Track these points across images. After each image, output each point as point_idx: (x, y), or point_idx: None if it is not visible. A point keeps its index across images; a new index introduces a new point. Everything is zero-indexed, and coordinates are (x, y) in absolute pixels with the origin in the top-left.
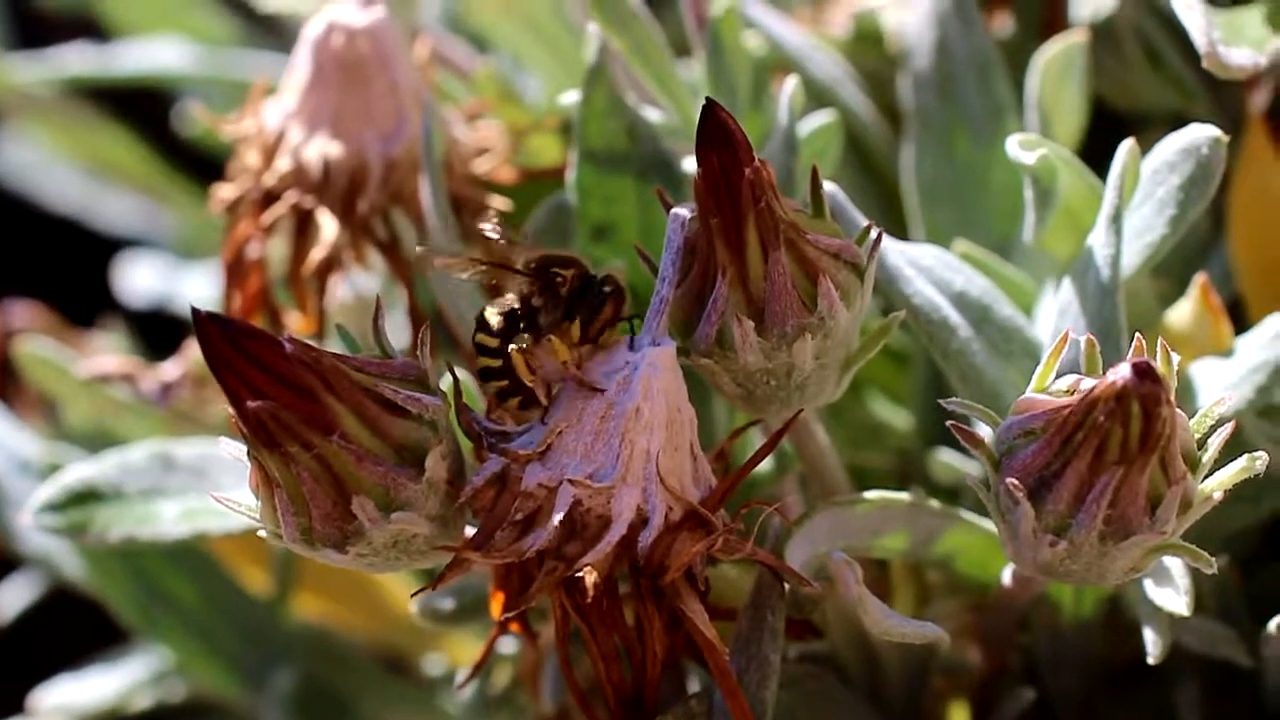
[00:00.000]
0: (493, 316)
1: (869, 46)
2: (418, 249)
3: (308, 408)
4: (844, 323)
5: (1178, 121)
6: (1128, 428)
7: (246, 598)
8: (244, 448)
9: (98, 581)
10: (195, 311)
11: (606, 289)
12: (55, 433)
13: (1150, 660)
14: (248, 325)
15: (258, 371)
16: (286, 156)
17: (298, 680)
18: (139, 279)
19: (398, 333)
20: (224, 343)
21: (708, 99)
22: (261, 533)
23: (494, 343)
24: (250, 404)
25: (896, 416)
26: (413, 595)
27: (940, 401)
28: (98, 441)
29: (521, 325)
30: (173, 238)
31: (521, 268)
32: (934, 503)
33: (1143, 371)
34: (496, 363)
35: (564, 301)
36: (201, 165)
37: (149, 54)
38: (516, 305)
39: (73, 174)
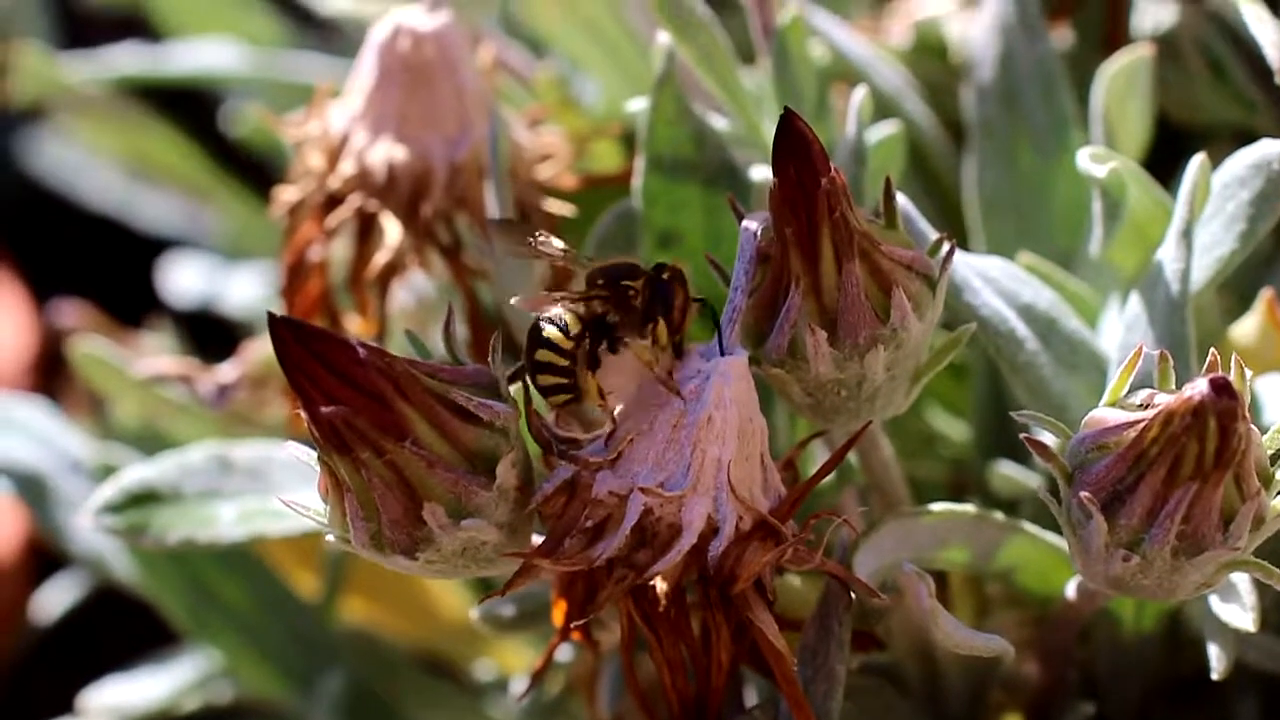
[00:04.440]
0: (553, 331)
1: (931, 57)
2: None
3: (381, 413)
4: (916, 334)
5: (1240, 136)
6: (1204, 443)
7: (296, 601)
8: (311, 451)
9: (149, 583)
10: (271, 316)
11: (667, 277)
12: (103, 432)
13: (1214, 676)
14: (322, 330)
15: (331, 376)
16: (351, 160)
17: (346, 684)
18: (184, 279)
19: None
20: (298, 347)
21: (786, 108)
22: (330, 537)
23: (563, 361)
24: (323, 409)
25: (951, 427)
26: (481, 600)
27: (1011, 414)
28: (146, 441)
29: (592, 339)
30: (216, 238)
31: (589, 283)
32: (998, 515)
33: (1220, 387)
34: (562, 361)
35: (640, 312)
36: (247, 166)
37: (199, 54)
38: (585, 318)
39: (115, 173)
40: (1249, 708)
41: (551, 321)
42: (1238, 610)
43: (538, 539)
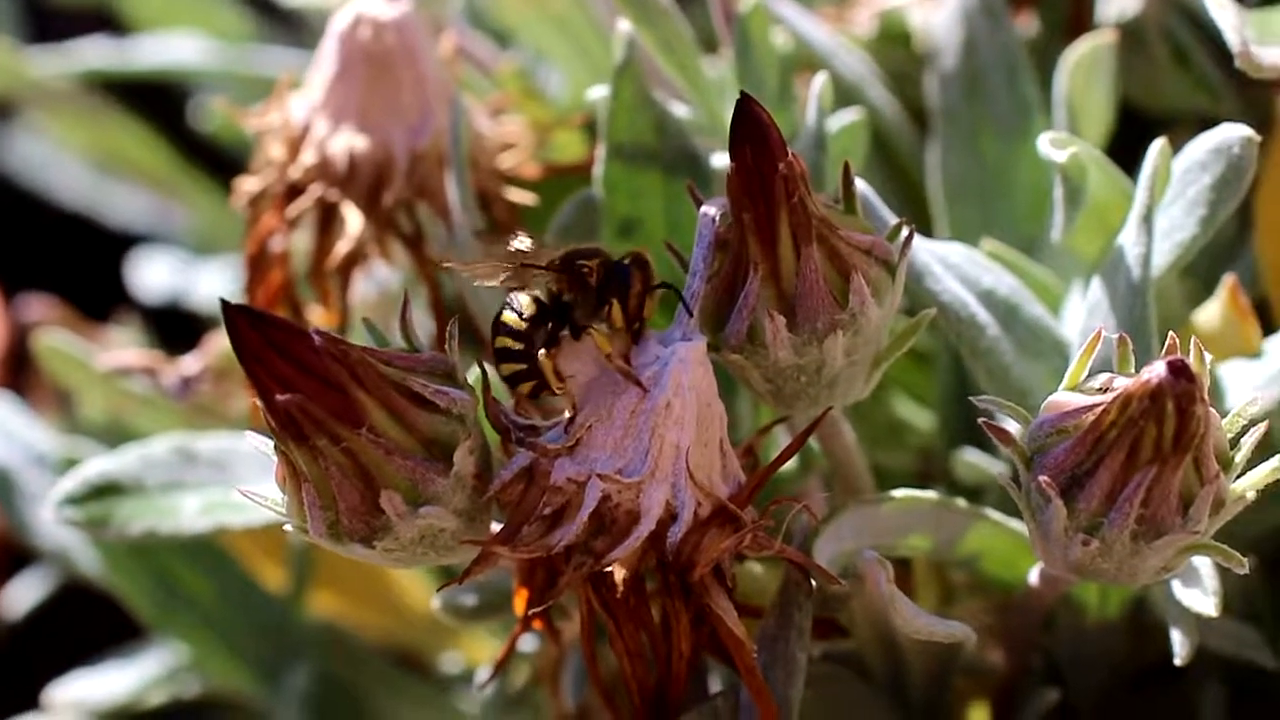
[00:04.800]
0: (511, 316)
1: (895, 45)
2: (445, 258)
3: (336, 401)
4: (875, 319)
5: (1204, 122)
6: (1162, 426)
7: (263, 594)
8: (270, 441)
9: (114, 577)
10: (225, 304)
11: (627, 262)
12: (70, 426)
13: (1177, 661)
14: (277, 318)
15: (287, 364)
16: (312, 150)
17: (313, 677)
18: (152, 275)
19: (420, 328)
20: (254, 335)
21: (742, 93)
22: (287, 527)
23: (521, 326)
24: (279, 397)
25: (918, 416)
26: (438, 590)
27: (971, 399)
28: (113, 435)
29: (550, 322)
30: (185, 233)
31: (545, 266)
32: (960, 502)
33: (1178, 369)
34: (517, 345)
35: (594, 291)
36: (216, 161)
37: (166, 49)
38: (544, 301)
39: (84, 169)
40: (1213, 693)
41: (510, 307)
42: (1199, 595)
43: (497, 527)
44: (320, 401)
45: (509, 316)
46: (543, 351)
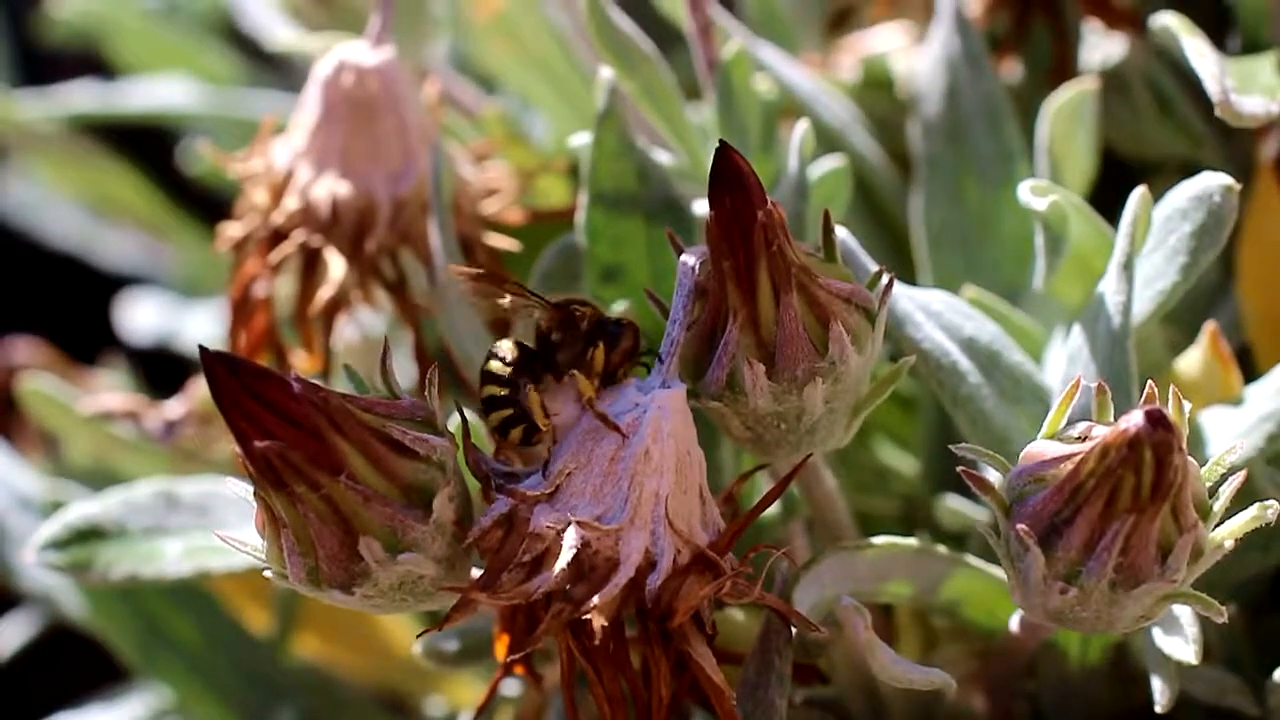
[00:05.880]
0: (496, 364)
1: (878, 91)
2: (443, 278)
3: (315, 448)
4: (855, 367)
5: (1187, 170)
6: (1140, 475)
7: (247, 637)
8: (250, 487)
9: (99, 620)
10: (203, 350)
11: (623, 322)
12: (56, 469)
13: (1158, 709)
14: (256, 365)
15: (265, 411)
16: (295, 195)
17: None
18: (141, 317)
19: (403, 374)
20: (232, 382)
21: (721, 141)
22: (267, 573)
23: (506, 371)
24: (258, 444)
25: (903, 462)
26: (418, 636)
27: (951, 447)
28: (99, 479)
29: (538, 361)
30: (175, 276)
31: (542, 298)
32: (941, 548)
33: (1155, 419)
34: (503, 391)
35: (584, 336)
36: (205, 204)
37: (155, 92)
38: (527, 346)
39: (75, 211)
40: None
41: (494, 355)
42: (1180, 642)
43: (478, 573)
44: (299, 448)
45: (494, 365)
46: (529, 386)
